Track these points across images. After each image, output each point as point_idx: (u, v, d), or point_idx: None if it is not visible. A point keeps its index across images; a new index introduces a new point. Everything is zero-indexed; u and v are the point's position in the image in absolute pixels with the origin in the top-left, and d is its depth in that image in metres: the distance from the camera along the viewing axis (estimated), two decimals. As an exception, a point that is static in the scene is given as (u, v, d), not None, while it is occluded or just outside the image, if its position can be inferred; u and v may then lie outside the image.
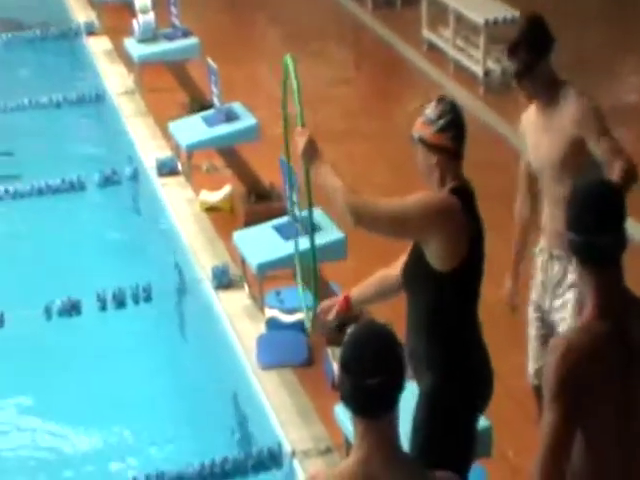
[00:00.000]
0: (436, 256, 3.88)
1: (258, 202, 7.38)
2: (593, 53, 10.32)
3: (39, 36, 10.70)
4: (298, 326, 5.92)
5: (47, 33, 10.75)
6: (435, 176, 3.94)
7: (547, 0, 11.25)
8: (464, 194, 3.95)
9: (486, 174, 7.87)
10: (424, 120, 3.95)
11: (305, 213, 6.34)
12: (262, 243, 6.30)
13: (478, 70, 9.50)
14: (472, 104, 9.17)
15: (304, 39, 10.97)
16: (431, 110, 3.96)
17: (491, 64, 9.60)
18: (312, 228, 4.46)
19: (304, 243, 6.17)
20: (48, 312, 6.27)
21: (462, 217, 3.88)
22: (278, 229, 6.36)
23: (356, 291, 4.34)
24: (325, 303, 4.34)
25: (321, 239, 6.19)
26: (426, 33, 10.38)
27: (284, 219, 6.44)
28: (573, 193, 3.24)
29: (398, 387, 2.78)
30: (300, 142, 4.10)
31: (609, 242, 3.15)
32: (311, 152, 4.10)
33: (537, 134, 4.83)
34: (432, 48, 10.29)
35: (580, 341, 3.12)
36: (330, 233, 6.22)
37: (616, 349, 3.12)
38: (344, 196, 3.91)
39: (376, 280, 4.31)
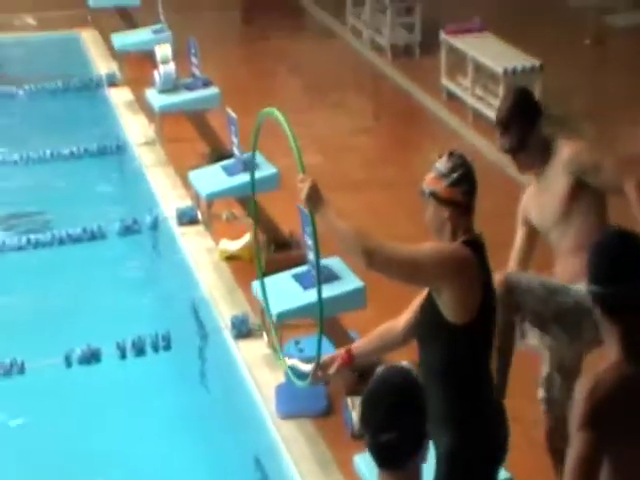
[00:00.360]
0: (450, 307, 3.86)
1: (278, 251, 7.39)
2: (612, 102, 10.33)
3: (61, 87, 10.81)
4: (317, 375, 5.89)
5: (69, 84, 10.85)
6: (447, 230, 3.93)
7: (567, 50, 11.37)
8: (476, 247, 3.94)
9: (504, 223, 7.88)
10: (435, 175, 3.94)
11: (324, 262, 6.36)
12: (281, 292, 6.29)
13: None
14: (490, 152, 9.19)
15: (324, 89, 11.04)
16: (442, 164, 3.94)
17: (510, 113, 9.61)
18: (319, 274, 4.40)
19: (323, 292, 6.18)
20: (68, 360, 6.28)
21: (476, 269, 3.87)
22: (297, 278, 6.36)
23: (359, 345, 4.28)
24: (327, 357, 4.24)
25: (340, 288, 6.20)
26: (445, 82, 10.43)
27: (303, 268, 6.44)
28: (597, 245, 3.25)
29: (416, 439, 2.77)
30: (303, 189, 4.05)
31: (636, 292, 3.16)
32: (315, 198, 4.03)
33: (538, 200, 4.80)
34: (451, 97, 10.33)
35: (610, 378, 3.14)
36: (349, 282, 6.21)
37: None
38: (356, 238, 3.88)
39: (379, 333, 4.25)
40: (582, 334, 4.69)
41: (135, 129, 9.89)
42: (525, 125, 4.65)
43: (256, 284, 6.42)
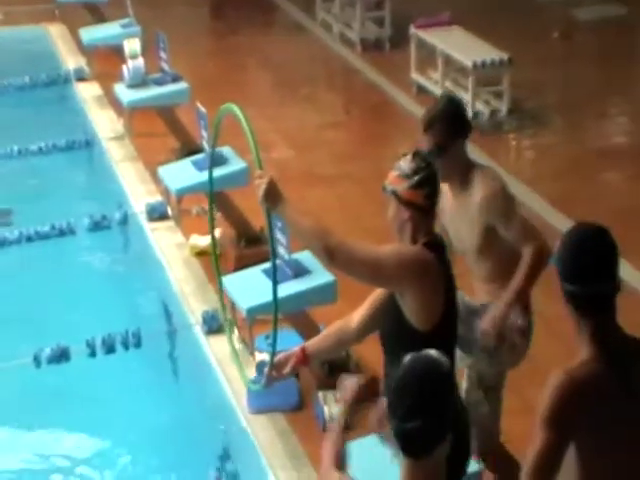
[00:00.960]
0: (414, 312, 3.82)
1: (248, 246, 7.36)
2: (582, 95, 10.38)
3: (29, 83, 10.72)
4: (289, 370, 5.88)
5: (37, 79, 10.77)
6: (407, 231, 3.88)
7: (536, 43, 11.41)
8: (437, 249, 3.91)
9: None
10: (399, 174, 3.87)
11: (294, 256, 6.35)
12: (252, 287, 6.28)
13: (467, 112, 9.51)
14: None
15: (294, 84, 11.02)
16: (406, 164, 3.87)
17: (480, 106, 9.64)
18: (274, 271, 4.35)
19: (293, 287, 6.18)
20: (37, 359, 6.22)
21: (437, 272, 3.83)
22: (268, 273, 6.34)
23: (313, 342, 4.22)
24: (281, 356, 4.18)
25: (310, 282, 6.19)
26: (415, 75, 10.43)
27: (274, 263, 6.41)
28: (567, 242, 3.21)
29: (442, 429, 2.80)
30: (260, 185, 3.93)
31: (608, 290, 3.17)
32: (273, 195, 3.91)
33: (455, 220, 4.73)
34: (421, 90, 10.33)
35: (580, 375, 3.13)
36: (320, 276, 6.20)
37: (615, 387, 3.14)
38: (318, 234, 3.81)
39: (334, 330, 4.20)
40: (501, 357, 4.68)
41: (104, 124, 9.83)
42: (447, 132, 4.55)
43: (226, 279, 6.41)
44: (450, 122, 4.54)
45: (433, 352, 2.90)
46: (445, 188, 4.59)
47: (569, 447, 3.12)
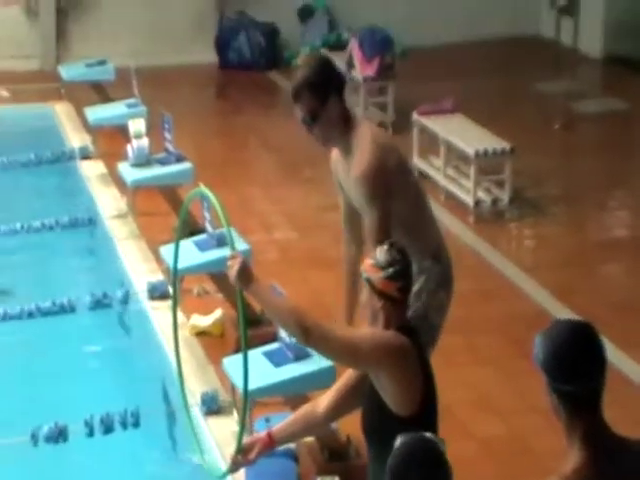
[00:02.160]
0: (393, 396, 3.81)
1: (249, 328, 7.32)
2: (583, 186, 10.46)
3: (34, 160, 10.80)
4: (288, 453, 5.84)
5: (42, 157, 10.85)
6: (380, 319, 3.93)
7: (539, 133, 11.52)
8: (411, 333, 3.93)
9: (478, 304, 7.93)
10: (374, 263, 3.92)
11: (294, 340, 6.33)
12: (252, 370, 6.24)
13: (469, 200, 9.60)
14: (463, 233, 9.25)
15: (296, 165, 11.11)
16: (382, 255, 3.92)
17: (481, 194, 9.71)
18: (245, 354, 4.39)
19: (293, 370, 6.16)
20: (35, 438, 6.17)
21: (413, 355, 3.85)
22: (268, 355, 6.32)
23: (280, 427, 4.24)
24: (247, 441, 4.21)
25: (311, 366, 6.16)
26: (417, 161, 10.51)
27: (275, 345, 6.41)
28: (557, 341, 3.12)
29: None
30: (233, 266, 3.98)
31: (601, 387, 3.15)
32: (245, 275, 3.97)
33: (346, 181, 4.73)
34: (423, 176, 10.40)
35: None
36: (320, 360, 6.18)
37: None
38: (291, 314, 3.88)
39: (301, 415, 4.22)
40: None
41: (107, 202, 9.88)
42: (315, 98, 4.54)
43: (226, 361, 6.40)
44: (314, 88, 4.54)
45: (428, 435, 2.90)
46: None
47: None
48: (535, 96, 12.95)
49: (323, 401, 4.13)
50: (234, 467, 4.32)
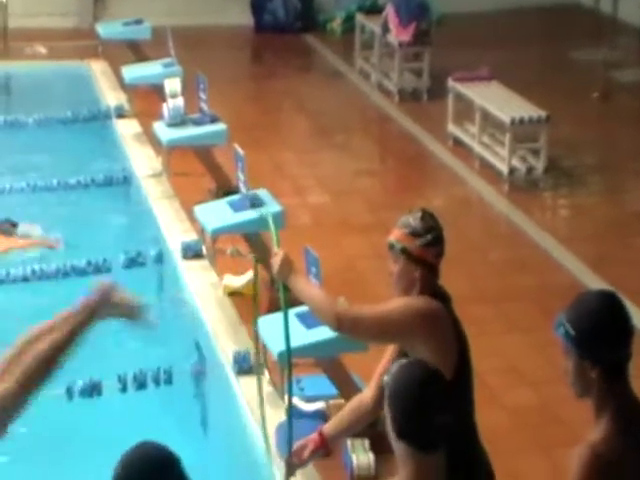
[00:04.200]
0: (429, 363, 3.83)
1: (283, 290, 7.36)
2: (620, 156, 10.39)
3: (70, 117, 10.85)
4: (318, 415, 5.89)
5: (78, 114, 10.89)
6: (415, 289, 3.91)
7: (576, 102, 11.44)
8: (444, 299, 3.93)
9: (511, 273, 7.93)
10: (409, 231, 3.92)
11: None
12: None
13: (503, 168, 9.57)
14: (497, 201, 9.23)
15: (330, 130, 11.10)
16: (416, 223, 3.92)
17: (516, 162, 9.68)
18: (288, 339, 4.50)
19: (326, 332, 6.19)
20: (70, 392, 6.25)
21: (447, 319, 3.85)
22: (301, 317, 6.35)
23: (331, 425, 4.27)
24: (299, 443, 4.26)
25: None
26: (452, 128, 10.49)
27: (306, 308, 6.44)
28: (594, 310, 3.15)
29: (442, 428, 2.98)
30: (276, 260, 4.21)
31: (630, 356, 3.19)
32: (287, 268, 4.19)
33: None
34: (458, 143, 10.39)
35: (607, 451, 3.09)
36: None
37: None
38: (325, 300, 3.99)
39: (350, 409, 4.23)
40: None
41: (142, 161, 9.92)
42: None
43: (261, 321, 6.44)
44: None
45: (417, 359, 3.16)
46: None
47: None
48: (573, 65, 12.86)
49: (368, 391, 4.15)
50: (289, 470, 4.40)
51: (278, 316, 6.50)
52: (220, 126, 9.43)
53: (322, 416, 5.85)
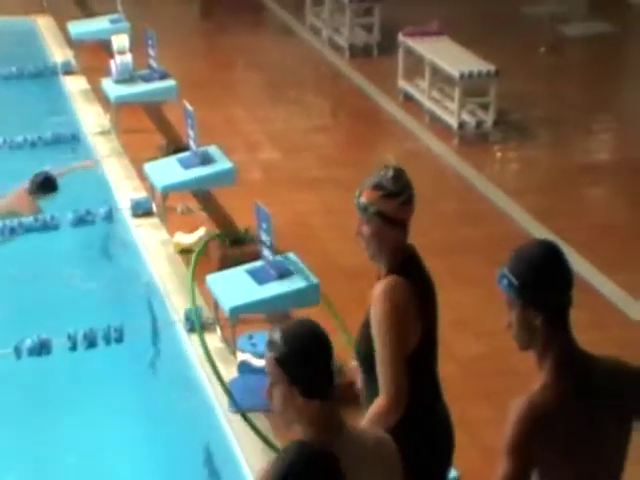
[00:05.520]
0: None
1: (233, 246, 7.37)
2: (567, 109, 10.45)
3: (15, 73, 10.69)
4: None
5: (24, 71, 10.74)
6: (389, 249, 3.81)
7: (525, 56, 11.48)
8: (413, 264, 3.87)
9: (460, 226, 7.97)
10: (384, 193, 3.76)
11: (278, 258, 6.37)
12: (235, 287, 6.30)
13: (453, 122, 9.58)
14: (446, 155, 9.26)
15: (281, 86, 11.05)
16: (390, 183, 3.76)
17: (465, 116, 9.69)
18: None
19: (276, 287, 6.21)
20: (18, 351, 6.21)
21: (411, 304, 3.77)
22: (252, 273, 6.36)
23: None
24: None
25: (294, 284, 6.23)
26: (402, 83, 10.47)
27: (258, 263, 6.45)
28: (535, 255, 3.19)
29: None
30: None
31: (571, 302, 3.21)
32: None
33: None
34: (408, 98, 10.38)
35: (542, 401, 3.12)
36: (304, 278, 6.24)
37: (578, 408, 3.14)
38: (375, 421, 3.70)
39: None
40: None
41: (90, 118, 9.82)
42: None
43: (210, 278, 6.44)
44: None
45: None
46: None
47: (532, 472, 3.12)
48: (523, 20, 12.87)
49: None
50: None
51: (229, 273, 6.54)
52: (170, 82, 9.36)
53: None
